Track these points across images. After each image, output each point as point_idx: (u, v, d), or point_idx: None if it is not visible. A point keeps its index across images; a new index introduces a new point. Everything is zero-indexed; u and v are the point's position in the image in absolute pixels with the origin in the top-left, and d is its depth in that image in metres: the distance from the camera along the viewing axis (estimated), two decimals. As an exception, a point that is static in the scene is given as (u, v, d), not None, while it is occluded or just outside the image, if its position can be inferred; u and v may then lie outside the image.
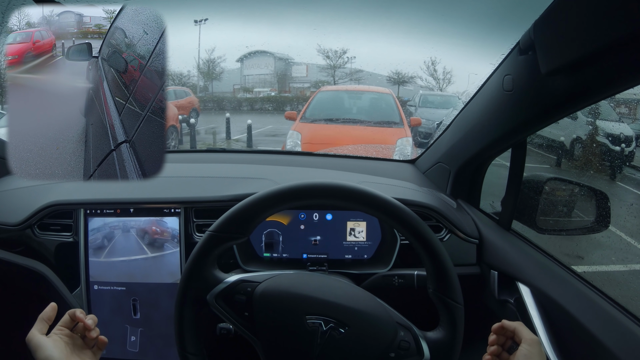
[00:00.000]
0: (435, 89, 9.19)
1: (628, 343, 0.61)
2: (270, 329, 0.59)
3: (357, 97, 4.76)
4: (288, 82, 11.44)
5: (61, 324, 0.60)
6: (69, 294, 0.95)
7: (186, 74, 9.91)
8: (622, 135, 2.62)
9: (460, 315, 0.59)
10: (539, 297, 0.77)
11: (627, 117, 2.67)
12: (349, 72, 10.28)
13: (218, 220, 0.61)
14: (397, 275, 0.90)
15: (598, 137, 2.69)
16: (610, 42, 0.48)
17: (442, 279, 0.60)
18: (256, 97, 10.71)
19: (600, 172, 2.69)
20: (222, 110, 9.27)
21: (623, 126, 2.64)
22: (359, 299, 0.61)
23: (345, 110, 4.38)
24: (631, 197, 2.49)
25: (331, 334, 0.57)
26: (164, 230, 0.95)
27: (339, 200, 0.61)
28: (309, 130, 3.75)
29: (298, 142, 3.54)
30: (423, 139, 5.46)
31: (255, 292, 0.60)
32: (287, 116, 4.48)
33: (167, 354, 0.97)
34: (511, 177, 0.88)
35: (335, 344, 0.57)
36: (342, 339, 0.57)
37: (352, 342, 0.57)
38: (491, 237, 0.93)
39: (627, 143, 2.63)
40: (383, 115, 4.15)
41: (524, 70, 0.68)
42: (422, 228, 0.60)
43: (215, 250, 0.61)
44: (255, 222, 0.61)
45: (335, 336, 0.57)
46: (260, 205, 0.61)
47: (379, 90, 5.01)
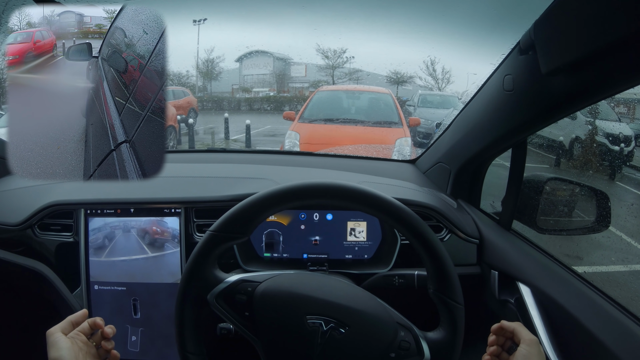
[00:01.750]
0: (435, 89, 9.19)
1: (628, 343, 0.61)
2: (270, 328, 0.59)
3: (355, 97, 4.74)
4: (287, 82, 11.44)
5: (80, 329, 0.61)
6: (70, 294, 0.95)
7: (185, 74, 9.90)
8: (621, 134, 2.62)
9: (461, 316, 0.59)
10: (539, 297, 0.77)
11: (625, 117, 2.67)
12: (348, 72, 10.27)
13: (219, 220, 0.61)
14: (397, 275, 0.90)
15: (597, 136, 2.69)
16: (611, 42, 0.48)
17: (443, 279, 0.60)
18: (255, 97, 10.70)
19: (600, 172, 2.68)
20: (220, 110, 9.27)
21: (622, 126, 2.64)
22: (359, 299, 0.61)
23: (343, 110, 4.36)
24: (631, 197, 2.49)
25: (332, 334, 0.57)
26: (165, 230, 0.95)
27: (339, 200, 0.61)
28: (307, 130, 3.74)
29: (296, 142, 3.53)
30: (422, 138, 5.45)
31: (256, 292, 0.60)
32: (285, 116, 4.46)
33: (167, 354, 0.97)
34: (511, 177, 0.88)
35: (335, 344, 0.57)
36: (342, 339, 0.57)
37: (352, 342, 0.57)
38: (491, 237, 0.93)
39: (626, 143, 2.63)
40: (382, 115, 4.14)
41: (524, 70, 0.68)
42: (422, 228, 0.60)
43: (216, 250, 0.61)
44: (255, 222, 0.61)
45: (336, 336, 0.57)
46: (260, 205, 0.61)
47: (377, 90, 4.99)
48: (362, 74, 9.88)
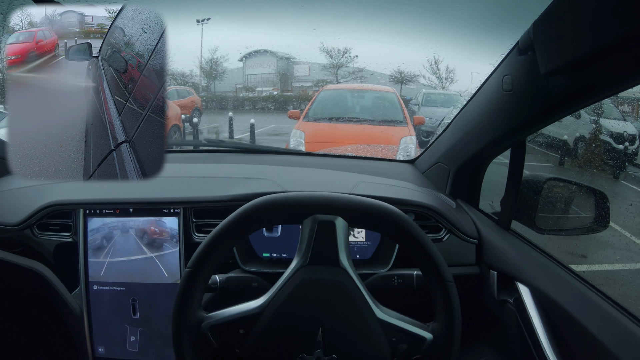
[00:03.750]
0: (438, 88, 9.22)
1: (627, 343, 0.61)
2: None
3: (360, 95, 4.76)
4: (290, 82, 11.43)
5: None
6: (68, 294, 0.95)
7: (188, 74, 9.91)
8: (625, 133, 2.62)
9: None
10: (538, 297, 0.77)
11: (629, 115, 2.66)
12: (351, 71, 10.27)
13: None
14: (396, 276, 0.89)
15: (601, 135, 2.68)
16: (610, 42, 0.48)
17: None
18: (258, 97, 10.71)
19: (604, 171, 2.68)
20: (224, 110, 9.27)
21: (626, 124, 2.63)
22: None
23: (348, 109, 4.38)
24: (634, 196, 2.49)
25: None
26: (163, 230, 0.95)
27: None
28: (312, 129, 3.76)
29: (302, 140, 3.55)
30: (425, 137, 5.35)
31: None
32: (290, 115, 4.55)
33: (167, 354, 0.97)
34: (510, 177, 0.88)
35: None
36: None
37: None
38: (490, 237, 0.93)
39: (630, 141, 2.63)
40: (386, 114, 4.14)
41: (523, 71, 0.68)
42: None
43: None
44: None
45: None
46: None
47: (382, 89, 5.00)
48: (366, 73, 9.89)
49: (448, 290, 0.60)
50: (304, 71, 11.45)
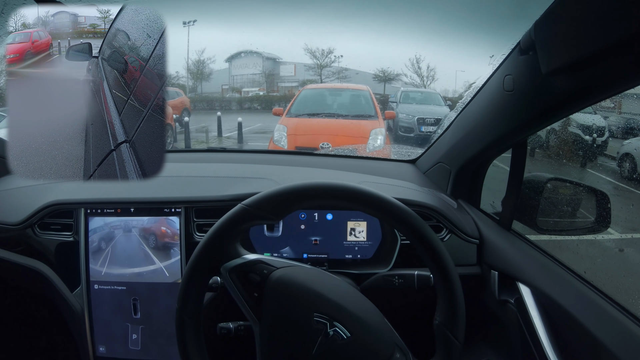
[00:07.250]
0: (420, 86, 9.42)
1: (628, 343, 0.61)
2: (275, 315, 0.59)
3: (337, 94, 5.29)
4: (276, 82, 11.48)
5: None
6: (70, 294, 0.95)
7: (175, 75, 9.99)
8: (594, 125, 2.73)
9: (457, 352, 0.58)
10: (539, 297, 0.77)
11: (612, 111, 2.72)
12: (336, 71, 10.38)
13: (254, 196, 0.61)
14: (397, 276, 0.89)
15: (570, 127, 2.76)
16: (611, 42, 0.48)
17: (451, 314, 0.59)
18: (245, 97, 10.77)
19: (572, 160, 2.78)
20: (211, 110, 9.38)
21: (596, 117, 2.73)
22: (367, 310, 0.61)
23: (326, 105, 4.86)
24: (596, 180, 2.57)
25: (334, 337, 0.57)
26: (164, 230, 0.95)
27: (379, 213, 0.62)
28: (293, 123, 4.20)
29: (284, 133, 4.01)
30: (404, 132, 6.04)
31: (271, 276, 0.60)
32: (274, 112, 5.18)
33: (169, 352, 0.97)
34: (512, 177, 0.88)
35: (335, 347, 0.57)
36: (342, 344, 0.57)
37: (351, 351, 0.57)
38: (492, 237, 0.93)
39: (598, 133, 2.75)
40: (360, 109, 4.62)
41: (524, 71, 0.68)
42: (445, 261, 0.59)
43: (243, 224, 0.60)
44: (292, 208, 0.61)
45: (337, 340, 0.57)
46: (303, 194, 0.60)
47: (357, 87, 5.51)
48: (351, 72, 9.97)
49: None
50: (290, 71, 11.50)
